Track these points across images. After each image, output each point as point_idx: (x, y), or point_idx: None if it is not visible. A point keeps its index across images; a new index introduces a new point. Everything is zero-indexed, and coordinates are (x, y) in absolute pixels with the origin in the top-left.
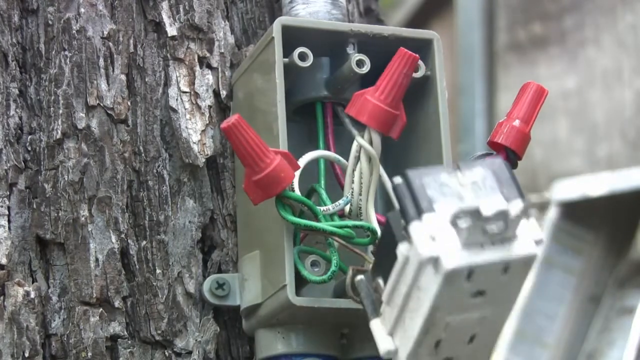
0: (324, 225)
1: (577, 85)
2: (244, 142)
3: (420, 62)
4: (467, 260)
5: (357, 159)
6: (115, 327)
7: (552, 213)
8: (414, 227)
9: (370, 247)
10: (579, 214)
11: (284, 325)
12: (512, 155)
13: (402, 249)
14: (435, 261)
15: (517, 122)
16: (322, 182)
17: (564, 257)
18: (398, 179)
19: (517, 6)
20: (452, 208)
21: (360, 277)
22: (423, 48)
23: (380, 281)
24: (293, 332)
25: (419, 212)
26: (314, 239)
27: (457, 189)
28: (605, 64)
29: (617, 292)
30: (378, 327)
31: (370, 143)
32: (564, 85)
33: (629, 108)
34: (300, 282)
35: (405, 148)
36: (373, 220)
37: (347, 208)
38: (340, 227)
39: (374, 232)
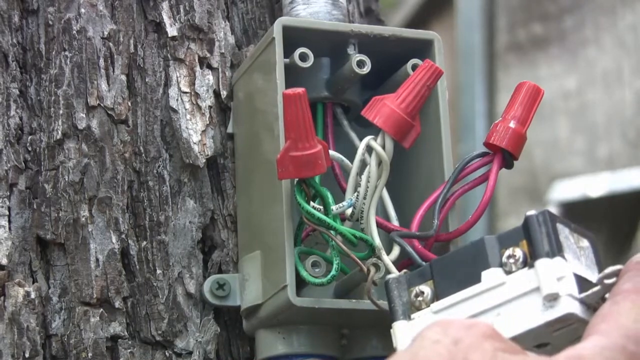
0: (337, 224)
1: (577, 85)
2: (300, 114)
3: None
4: (581, 312)
5: (362, 162)
6: (116, 328)
7: None
8: (544, 263)
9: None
10: (579, 214)
11: (285, 326)
12: (508, 157)
13: (493, 274)
14: (555, 299)
15: (512, 123)
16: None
17: None
18: (532, 212)
19: (517, 6)
20: (576, 267)
21: (392, 276)
22: (424, 48)
23: (427, 289)
24: (294, 333)
25: (553, 252)
26: (315, 239)
27: (575, 249)
28: (605, 64)
29: None
30: (403, 330)
31: (383, 147)
32: (564, 85)
33: (629, 108)
34: (301, 282)
35: (404, 148)
36: (373, 227)
37: (348, 211)
38: (350, 232)
39: (373, 249)
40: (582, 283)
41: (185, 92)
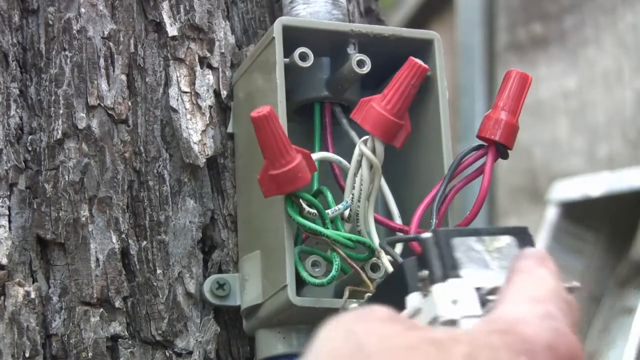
0: (328, 232)
1: (577, 85)
2: (270, 134)
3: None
4: None
5: (359, 163)
6: (116, 327)
7: (552, 213)
8: (438, 288)
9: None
10: (579, 214)
11: (285, 325)
12: (501, 148)
13: (413, 299)
14: (453, 324)
15: (503, 114)
16: (316, 183)
17: (564, 257)
18: (427, 234)
19: (517, 6)
20: (479, 278)
21: (353, 305)
22: (424, 48)
23: None
24: (293, 332)
25: (445, 276)
26: (316, 238)
27: (483, 255)
28: (605, 64)
29: (617, 292)
30: None
31: (373, 151)
32: (564, 85)
33: (629, 108)
34: (301, 282)
35: (405, 148)
36: (371, 229)
37: (346, 213)
38: (345, 237)
39: (372, 250)
40: (488, 293)
41: (186, 92)
